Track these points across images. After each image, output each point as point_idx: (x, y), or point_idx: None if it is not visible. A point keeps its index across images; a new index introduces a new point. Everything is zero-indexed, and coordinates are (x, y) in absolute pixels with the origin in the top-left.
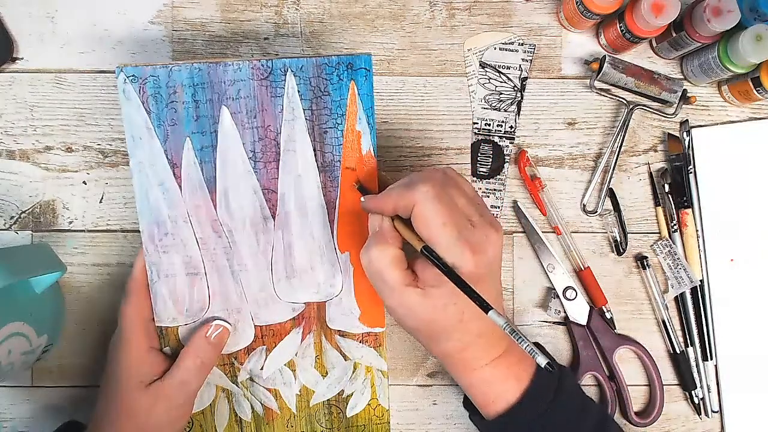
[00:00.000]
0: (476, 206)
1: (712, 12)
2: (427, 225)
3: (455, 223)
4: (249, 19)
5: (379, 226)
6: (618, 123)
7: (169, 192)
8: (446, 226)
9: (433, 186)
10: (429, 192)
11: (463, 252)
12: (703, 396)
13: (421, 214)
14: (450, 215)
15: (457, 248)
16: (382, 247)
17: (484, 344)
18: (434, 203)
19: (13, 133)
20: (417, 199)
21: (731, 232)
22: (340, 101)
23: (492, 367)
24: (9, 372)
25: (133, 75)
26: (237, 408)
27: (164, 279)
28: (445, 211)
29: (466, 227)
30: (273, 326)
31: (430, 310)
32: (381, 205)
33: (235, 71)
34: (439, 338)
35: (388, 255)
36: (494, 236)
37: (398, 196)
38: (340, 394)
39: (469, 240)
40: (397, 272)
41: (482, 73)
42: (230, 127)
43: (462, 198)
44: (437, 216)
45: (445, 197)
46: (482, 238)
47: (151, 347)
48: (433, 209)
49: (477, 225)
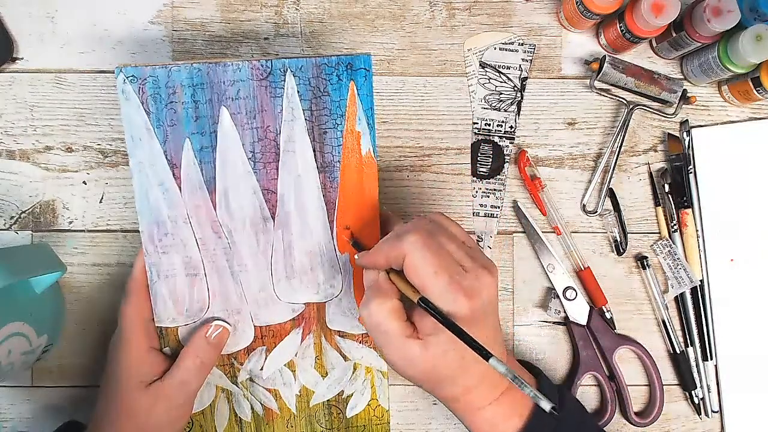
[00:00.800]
0: (467, 250)
1: (712, 12)
2: (418, 274)
3: (446, 269)
4: (249, 19)
5: (374, 280)
6: (618, 123)
7: (168, 192)
8: (437, 274)
9: (421, 235)
10: (417, 242)
11: (456, 298)
12: (703, 396)
13: (412, 264)
14: (440, 262)
15: (450, 295)
16: (381, 300)
17: (488, 385)
18: (423, 252)
19: (13, 133)
20: (406, 249)
21: (731, 232)
22: (339, 101)
23: (495, 405)
24: (9, 372)
25: (133, 75)
26: (237, 408)
27: (164, 279)
28: (435, 259)
29: (457, 272)
30: (273, 327)
31: (430, 360)
32: (374, 260)
33: (234, 71)
34: (443, 385)
35: (387, 307)
36: (487, 279)
37: (389, 249)
38: (340, 395)
39: (462, 285)
40: (397, 323)
41: (482, 73)
42: (230, 128)
43: (451, 243)
44: (427, 265)
45: (433, 245)
46: (475, 282)
47: (151, 347)
48: (423, 258)
49: (469, 269)
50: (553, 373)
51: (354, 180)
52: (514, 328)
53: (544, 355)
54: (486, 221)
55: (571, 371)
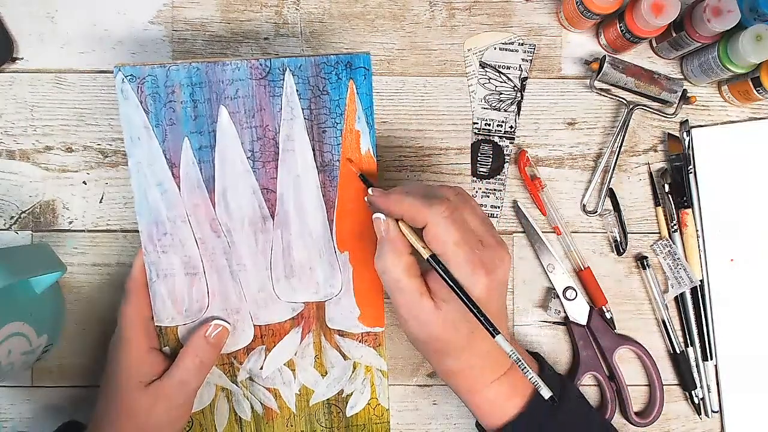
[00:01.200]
0: (487, 227)
1: (712, 12)
2: (440, 244)
3: (467, 242)
4: (249, 19)
5: (386, 231)
6: (618, 123)
7: (167, 192)
8: (459, 246)
9: (448, 207)
10: (444, 212)
11: (474, 272)
12: (703, 396)
13: (435, 233)
14: (463, 236)
15: (468, 268)
16: (396, 255)
17: (491, 363)
18: (448, 223)
19: (13, 133)
20: (431, 218)
21: (731, 232)
22: (338, 100)
23: (497, 385)
24: (9, 372)
25: (131, 74)
26: (237, 407)
27: (163, 279)
28: (459, 232)
29: (478, 247)
30: (272, 326)
31: (440, 325)
32: (390, 207)
33: (233, 71)
34: (448, 356)
35: (403, 263)
36: (505, 257)
37: (411, 208)
38: (340, 394)
39: (482, 260)
40: (413, 280)
41: (482, 73)
42: (229, 127)
43: (474, 219)
44: (451, 236)
45: (458, 218)
46: (493, 259)
47: (151, 347)
48: (447, 229)
49: (488, 246)
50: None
51: (353, 179)
52: (514, 328)
53: (544, 355)
54: None
55: (571, 371)
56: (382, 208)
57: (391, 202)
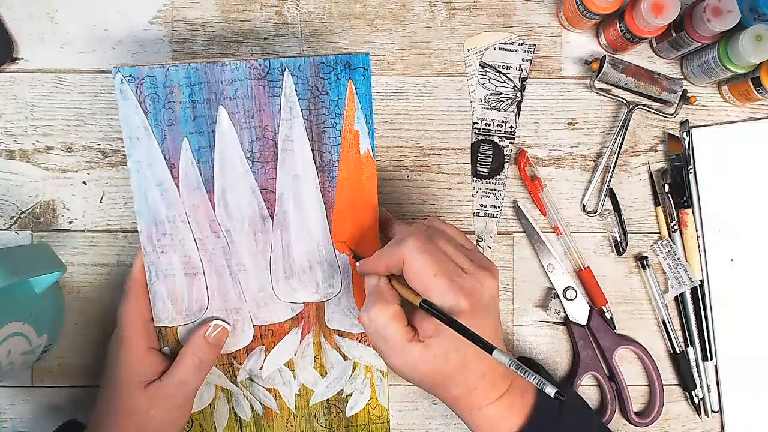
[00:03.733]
0: (466, 252)
1: (712, 12)
2: (418, 278)
3: (445, 271)
4: (249, 19)
5: (375, 285)
6: (618, 123)
7: (167, 192)
8: (437, 277)
9: (419, 240)
10: (415, 246)
11: (458, 299)
12: (703, 396)
13: (412, 269)
14: (439, 265)
15: (451, 295)
16: (381, 305)
17: (489, 384)
18: (422, 256)
19: (13, 133)
20: (405, 254)
21: (731, 232)
22: (338, 100)
23: (497, 405)
24: (9, 372)
25: (130, 75)
26: (236, 408)
27: (163, 279)
28: (434, 263)
29: (457, 274)
30: (272, 326)
31: (432, 362)
32: (374, 266)
33: (232, 71)
34: (445, 386)
35: (388, 313)
36: (488, 280)
37: (388, 255)
38: (340, 394)
39: (463, 287)
40: (398, 327)
41: (482, 73)
42: (228, 127)
43: (449, 246)
44: (427, 268)
45: (432, 248)
46: (475, 284)
47: (151, 347)
48: (422, 262)
49: (469, 271)
50: (553, 373)
51: (353, 179)
52: (514, 328)
53: (544, 355)
54: (486, 221)
55: (571, 371)
56: (369, 270)
57: (373, 261)
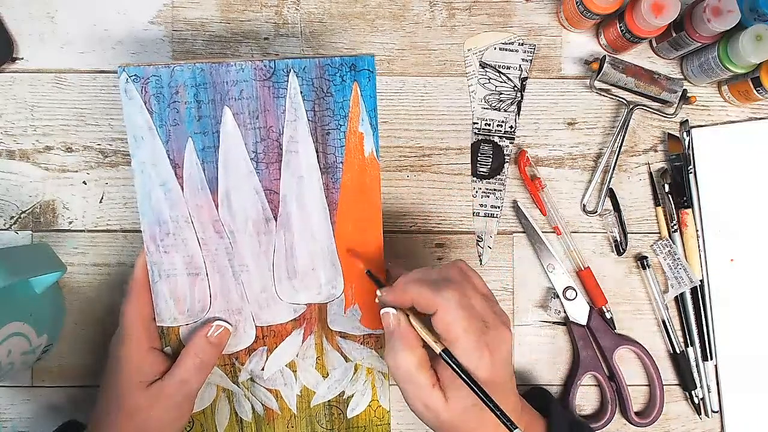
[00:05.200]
0: (490, 304)
1: (712, 12)
2: (447, 329)
3: (475, 328)
4: (249, 19)
5: (396, 325)
6: (618, 123)
7: (171, 192)
8: (467, 332)
9: (455, 291)
10: (453, 298)
11: (481, 356)
12: (703, 396)
13: (444, 320)
14: (470, 321)
15: (476, 353)
16: (408, 351)
17: None
18: (457, 310)
19: (13, 133)
20: (441, 304)
21: (731, 232)
22: (342, 102)
23: None
24: (9, 372)
25: (135, 75)
26: (238, 408)
27: (165, 279)
28: (466, 317)
29: (483, 330)
30: (274, 327)
31: (450, 413)
32: (400, 299)
33: (237, 72)
34: None
35: (415, 359)
36: (507, 334)
37: (420, 297)
38: (341, 395)
39: (487, 343)
40: (424, 374)
41: (482, 73)
42: (232, 128)
43: (478, 298)
44: (460, 322)
45: (465, 302)
46: (497, 339)
47: (152, 347)
48: (457, 316)
49: (491, 326)
50: (553, 373)
51: (356, 181)
52: (514, 328)
53: (544, 355)
54: (486, 221)
55: (571, 371)
56: (392, 302)
57: (401, 294)
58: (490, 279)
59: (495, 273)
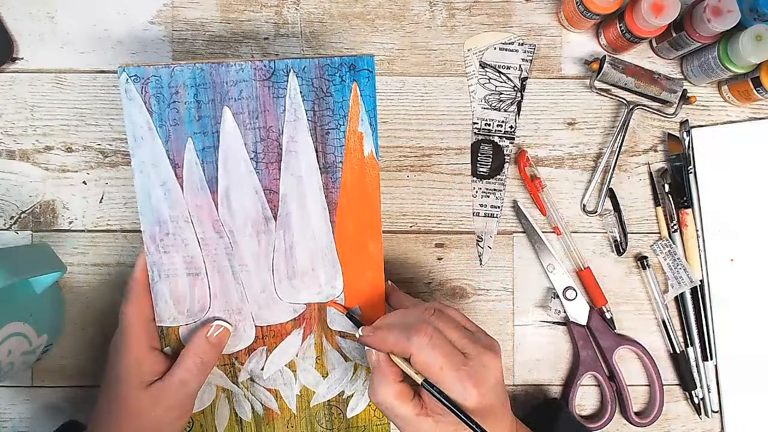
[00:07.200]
0: (468, 334)
1: (712, 12)
2: (426, 371)
3: (451, 364)
4: (249, 19)
5: (375, 362)
6: (618, 123)
7: (170, 192)
8: (444, 369)
9: (426, 334)
10: (423, 341)
11: (464, 388)
12: (703, 396)
13: (420, 362)
14: (445, 357)
15: (458, 385)
16: (384, 386)
17: None
18: (429, 351)
19: (13, 133)
20: (413, 350)
21: (731, 232)
22: (342, 102)
23: None
24: (9, 372)
25: (136, 75)
26: (237, 408)
27: (165, 279)
28: (442, 356)
29: (462, 362)
30: (274, 327)
31: None
32: (378, 345)
33: (237, 72)
34: None
35: (392, 392)
36: (492, 361)
37: (394, 344)
38: (341, 395)
39: (469, 374)
40: (406, 405)
41: (482, 73)
42: (232, 128)
43: (453, 331)
44: (435, 361)
45: (439, 341)
46: (480, 368)
47: (152, 347)
48: (430, 357)
49: (472, 356)
50: (553, 373)
51: (356, 181)
52: (514, 328)
53: (544, 355)
54: (486, 221)
55: (571, 371)
56: (372, 345)
57: (378, 342)
58: (490, 279)
59: (495, 273)
